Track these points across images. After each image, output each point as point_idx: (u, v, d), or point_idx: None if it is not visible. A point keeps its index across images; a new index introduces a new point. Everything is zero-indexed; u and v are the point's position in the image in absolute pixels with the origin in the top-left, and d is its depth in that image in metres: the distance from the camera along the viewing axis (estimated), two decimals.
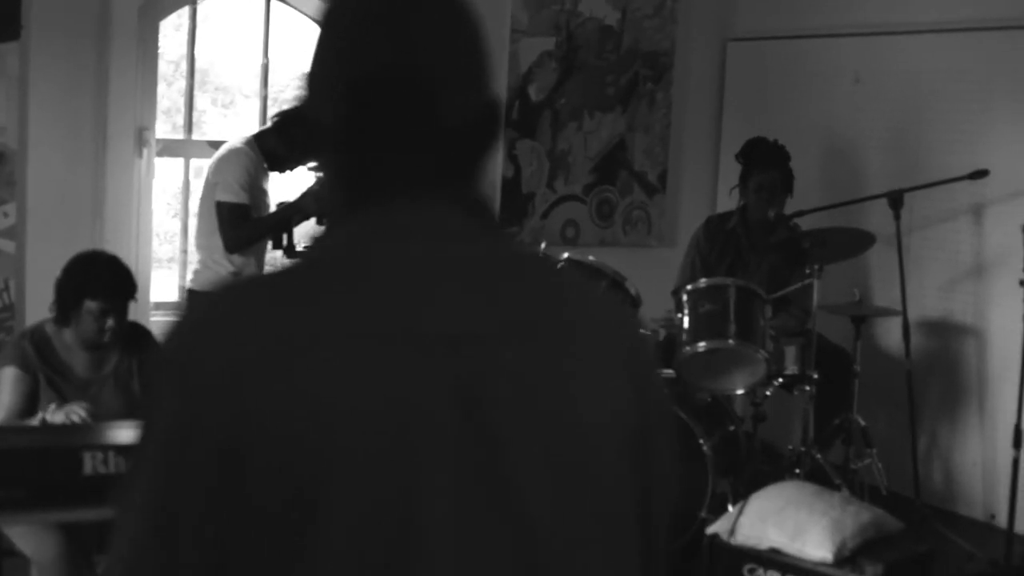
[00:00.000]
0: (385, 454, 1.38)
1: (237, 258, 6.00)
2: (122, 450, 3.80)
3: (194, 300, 1.44)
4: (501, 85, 7.19)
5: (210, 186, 6.00)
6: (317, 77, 1.53)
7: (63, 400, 4.55)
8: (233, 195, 5.89)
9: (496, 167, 7.22)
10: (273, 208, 6.06)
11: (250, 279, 1.52)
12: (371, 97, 1.48)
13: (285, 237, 6.07)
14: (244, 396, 1.37)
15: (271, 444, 1.36)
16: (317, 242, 1.53)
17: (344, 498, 1.36)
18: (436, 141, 1.50)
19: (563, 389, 1.47)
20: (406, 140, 1.50)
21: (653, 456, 1.56)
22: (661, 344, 6.20)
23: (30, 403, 4.56)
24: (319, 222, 6.19)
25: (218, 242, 5.96)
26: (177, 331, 1.47)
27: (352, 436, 1.37)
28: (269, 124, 6.15)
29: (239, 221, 5.94)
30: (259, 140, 6.06)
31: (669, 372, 5.89)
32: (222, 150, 6.07)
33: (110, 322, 4.60)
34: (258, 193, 6.02)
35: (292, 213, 6.06)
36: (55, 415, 4.41)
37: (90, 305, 4.58)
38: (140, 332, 4.92)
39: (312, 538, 1.36)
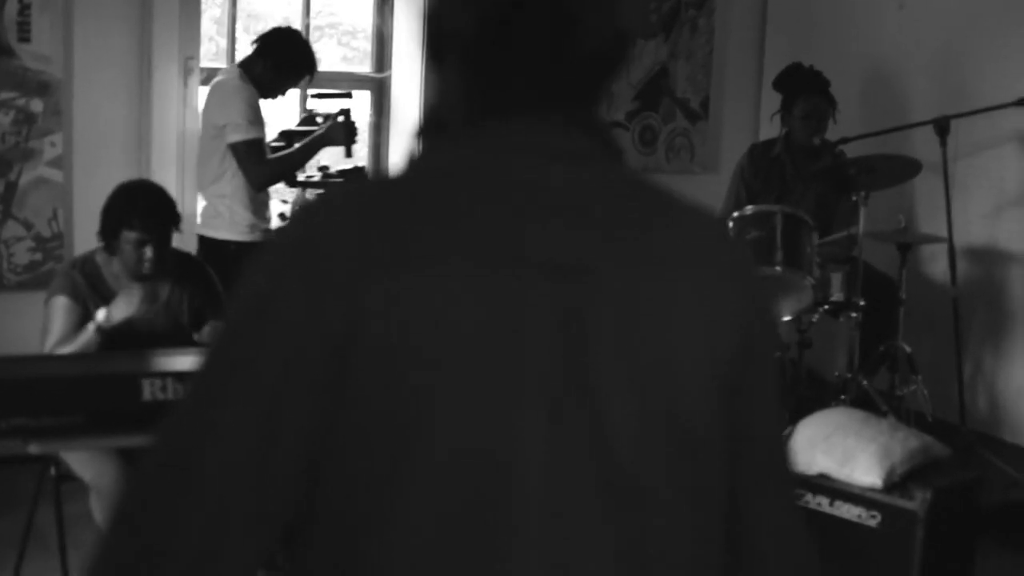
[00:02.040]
0: (485, 377, 1.38)
1: (247, 200, 5.94)
2: (181, 377, 3.82)
3: (318, 197, 1.41)
4: None
5: (215, 128, 5.90)
6: None
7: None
8: (244, 132, 5.81)
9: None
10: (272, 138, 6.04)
11: (374, 184, 1.50)
12: (517, 14, 1.47)
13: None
14: (365, 295, 1.36)
15: (383, 351, 1.36)
16: (432, 153, 1.51)
17: (445, 420, 1.37)
18: (570, 64, 1.49)
19: (663, 322, 1.46)
20: (542, 60, 1.48)
21: (748, 395, 1.55)
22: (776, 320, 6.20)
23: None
24: (347, 153, 6.19)
25: (226, 187, 5.90)
26: (302, 219, 1.46)
27: (456, 355, 1.38)
28: (252, 50, 6.04)
29: (261, 156, 5.88)
30: (245, 69, 5.97)
31: None
32: (215, 88, 5.97)
33: (148, 252, 4.58)
34: (263, 124, 5.96)
35: (322, 145, 6.03)
36: (107, 316, 4.46)
37: (128, 235, 4.57)
38: (193, 264, 4.93)
39: (409, 458, 1.36)
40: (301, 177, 6.19)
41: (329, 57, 6.37)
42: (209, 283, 4.86)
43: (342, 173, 6.23)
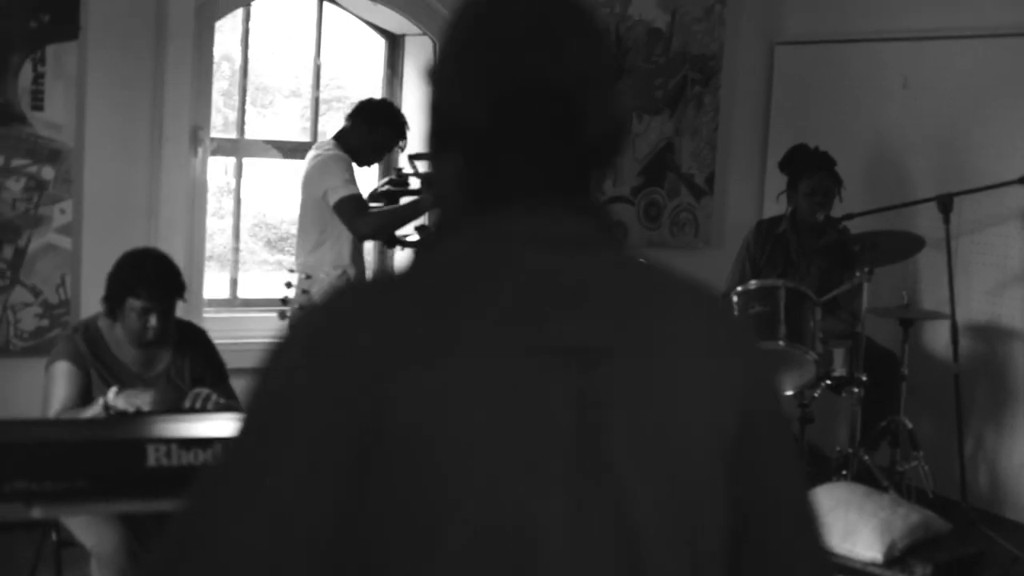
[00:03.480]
0: (508, 465, 1.40)
1: (351, 268, 6.12)
2: (186, 443, 3.83)
3: (336, 290, 1.41)
4: None
5: (315, 199, 6.11)
6: (462, 82, 1.53)
7: None
8: (345, 190, 6.01)
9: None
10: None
11: (386, 278, 1.52)
12: (522, 108, 1.50)
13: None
14: (387, 389, 1.38)
15: (402, 443, 1.38)
16: (439, 244, 1.53)
17: (467, 507, 1.39)
18: (572, 153, 1.52)
19: (673, 404, 1.49)
20: (548, 150, 1.52)
21: (755, 471, 1.56)
22: (781, 390, 6.20)
23: (84, 397, 4.57)
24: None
25: (327, 254, 6.10)
26: (321, 314, 1.47)
27: (479, 446, 1.40)
28: (347, 123, 6.25)
29: (364, 208, 6.10)
30: (340, 140, 6.19)
31: None
32: (314, 161, 6.16)
33: (153, 320, 4.59)
34: (358, 185, 6.15)
35: (424, 207, 6.16)
36: (117, 399, 4.44)
37: (133, 303, 4.59)
38: (194, 332, 4.95)
39: (433, 546, 1.38)
40: (400, 233, 6.32)
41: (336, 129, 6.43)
42: (209, 350, 4.89)
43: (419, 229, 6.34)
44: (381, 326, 1.42)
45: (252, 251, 10.15)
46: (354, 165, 6.15)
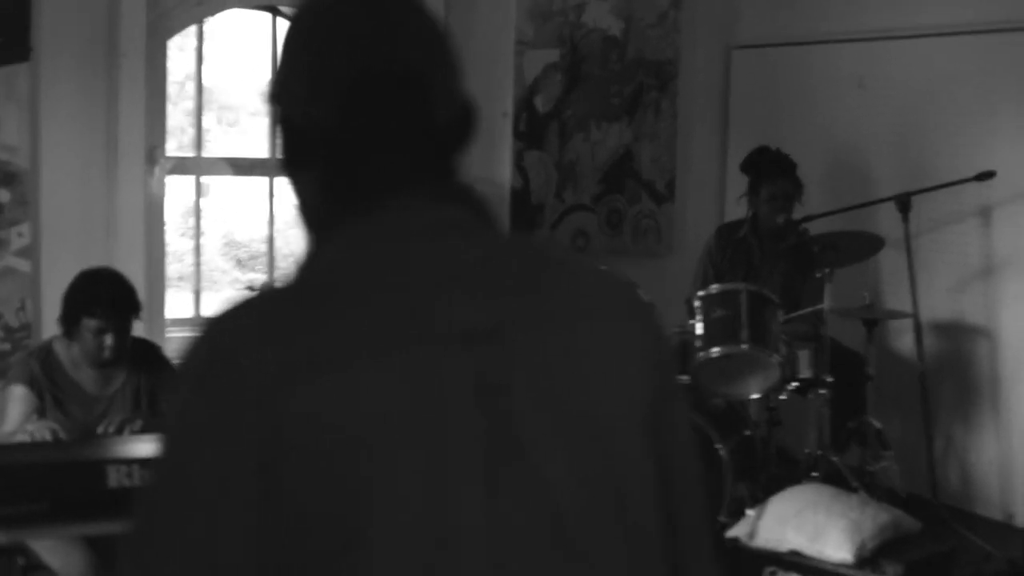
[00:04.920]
0: (418, 458, 1.39)
1: None
2: (146, 463, 3.81)
3: (217, 314, 1.42)
4: (507, 96, 7.22)
5: None
6: (302, 82, 1.54)
7: (67, 417, 4.57)
8: None
9: (505, 178, 7.24)
10: None
11: (269, 292, 1.51)
12: (371, 95, 1.51)
13: None
14: (285, 402, 1.37)
15: (308, 454, 1.37)
16: (319, 252, 1.52)
17: (384, 507, 1.38)
18: (429, 138, 1.53)
19: (578, 373, 1.49)
20: (404, 137, 1.53)
21: (669, 431, 1.58)
22: (675, 350, 6.21)
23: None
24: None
25: None
26: (207, 341, 1.46)
27: (386, 443, 1.39)
28: None
29: None
30: None
31: (684, 378, 5.89)
32: None
33: (109, 340, 4.61)
34: None
35: None
36: (27, 430, 4.44)
37: (88, 323, 4.60)
38: (148, 349, 4.93)
39: (354, 550, 1.37)
40: None
41: None
42: (164, 366, 4.87)
43: None
44: (265, 343, 1.41)
45: (224, 270, 10.12)
46: None
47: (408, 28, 1.54)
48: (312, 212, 1.56)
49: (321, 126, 1.52)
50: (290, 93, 1.55)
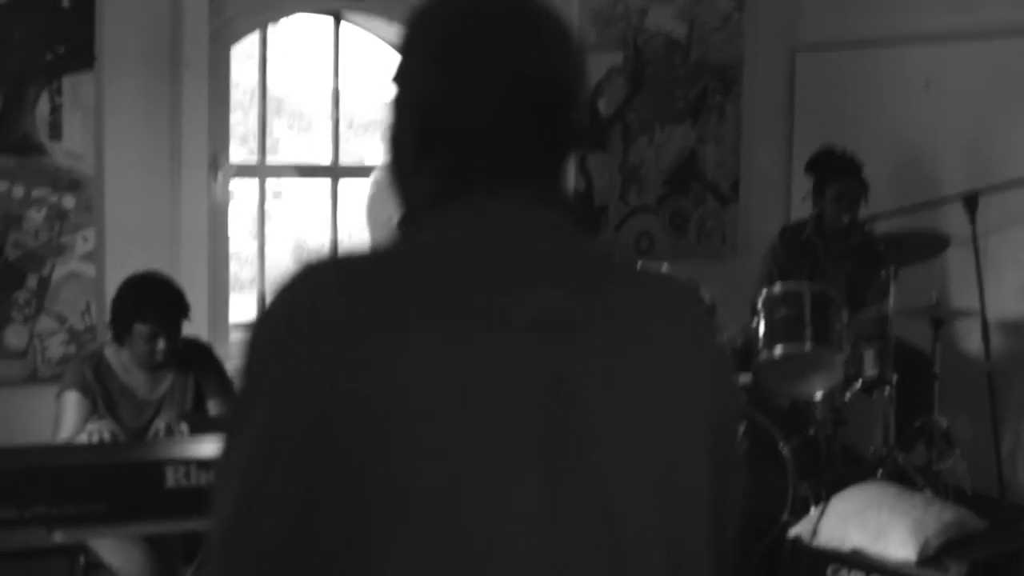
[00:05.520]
0: (478, 438, 1.41)
1: None
2: (204, 463, 3.85)
3: (302, 267, 1.46)
4: None
5: (383, 222, 5.98)
6: (454, 78, 1.55)
7: (118, 422, 4.61)
8: None
9: (568, 180, 7.23)
10: None
11: (357, 254, 1.54)
12: (524, 97, 1.54)
13: None
14: (348, 358, 1.40)
15: (370, 413, 1.39)
16: (418, 228, 1.55)
17: (434, 477, 1.39)
18: (558, 141, 1.58)
19: (648, 378, 1.50)
20: (539, 139, 1.56)
21: (727, 448, 1.58)
22: (738, 350, 6.18)
23: None
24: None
25: None
26: (284, 291, 1.49)
27: (448, 416, 1.40)
28: None
29: None
30: None
31: (747, 377, 5.87)
32: (376, 187, 6.06)
33: (161, 343, 4.67)
34: None
35: None
36: (81, 436, 4.49)
37: (140, 328, 4.66)
38: (198, 349, 4.98)
39: (399, 517, 1.38)
40: None
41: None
42: (214, 365, 4.91)
43: None
44: (339, 302, 1.44)
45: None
46: None
47: (550, 34, 1.58)
48: (418, 195, 1.59)
49: (465, 118, 1.54)
50: (427, 80, 1.57)
